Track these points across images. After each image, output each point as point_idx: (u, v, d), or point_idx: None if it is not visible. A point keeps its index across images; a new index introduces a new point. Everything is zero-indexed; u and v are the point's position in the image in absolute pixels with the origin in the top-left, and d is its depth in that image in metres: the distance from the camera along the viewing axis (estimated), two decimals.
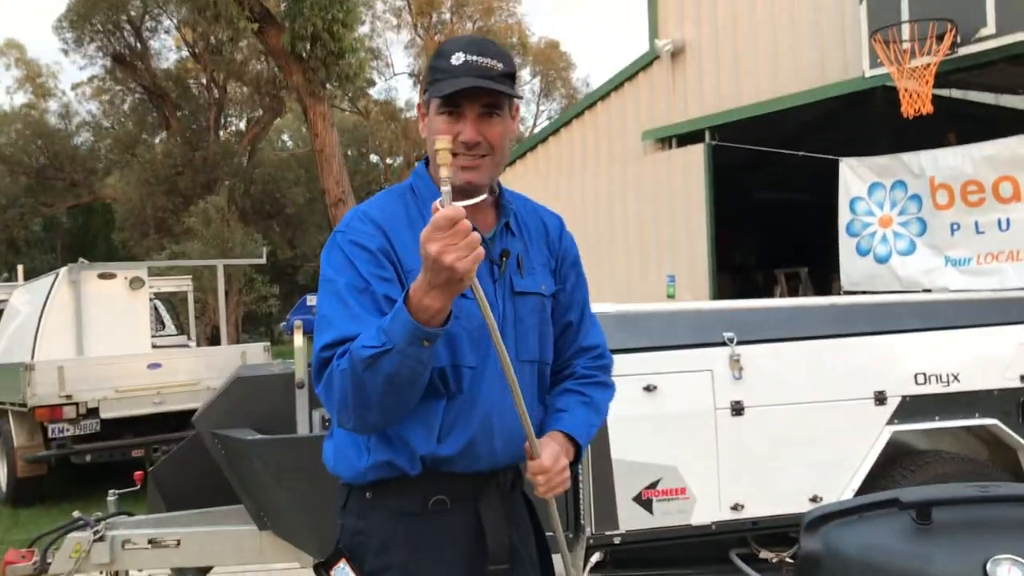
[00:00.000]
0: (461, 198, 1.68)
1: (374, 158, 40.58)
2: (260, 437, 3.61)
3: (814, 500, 3.70)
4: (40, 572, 3.83)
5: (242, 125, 34.26)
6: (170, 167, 28.61)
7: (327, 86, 18.14)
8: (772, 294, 13.78)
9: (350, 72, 17.68)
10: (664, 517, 3.61)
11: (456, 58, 1.81)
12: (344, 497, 1.94)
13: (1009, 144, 6.86)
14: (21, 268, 15.98)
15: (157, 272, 12.91)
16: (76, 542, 3.81)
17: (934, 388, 3.91)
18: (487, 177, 1.87)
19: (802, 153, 8.92)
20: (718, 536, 3.72)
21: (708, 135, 11.09)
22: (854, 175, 7.84)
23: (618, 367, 2.19)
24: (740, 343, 3.77)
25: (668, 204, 11.60)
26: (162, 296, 12.95)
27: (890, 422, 3.85)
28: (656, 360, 3.69)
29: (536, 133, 16.14)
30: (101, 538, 3.81)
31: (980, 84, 9.41)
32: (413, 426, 1.81)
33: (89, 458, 8.09)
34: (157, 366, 8.42)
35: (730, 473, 3.68)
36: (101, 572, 3.93)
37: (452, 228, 1.55)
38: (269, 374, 4.06)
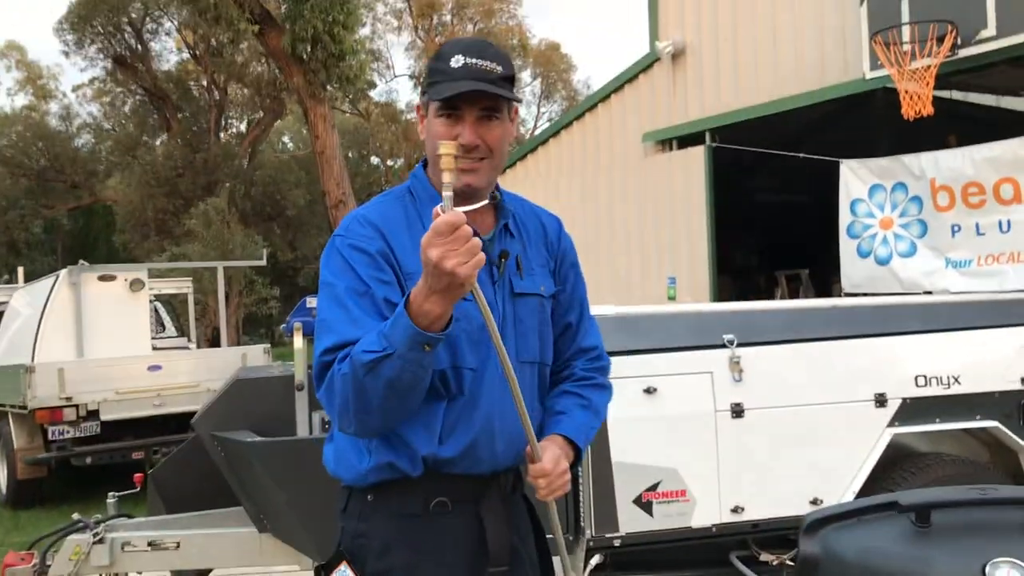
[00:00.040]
0: (460, 201, 1.68)
1: (375, 160, 40.63)
2: (260, 439, 3.61)
3: (815, 502, 3.69)
4: (40, 574, 3.84)
5: (243, 127, 34.30)
6: (171, 169, 28.65)
7: (328, 88, 18.13)
8: (773, 296, 13.78)
9: (351, 74, 17.67)
10: (664, 519, 3.60)
11: (455, 60, 1.80)
12: (344, 500, 1.94)
13: (1010, 146, 6.87)
14: (21, 270, 15.95)
15: (157, 274, 12.93)
16: (76, 544, 3.82)
17: (935, 390, 3.90)
18: (485, 180, 1.87)
19: (803, 155, 8.92)
20: (718, 538, 3.71)
21: (708, 137, 11.09)
22: (855, 177, 7.84)
23: (618, 369, 2.19)
24: (740, 345, 3.76)
25: (668, 206, 11.60)
26: (162, 298, 12.93)
27: (891, 424, 3.84)
28: (656, 362, 3.68)
29: (536, 135, 16.15)
30: (101, 540, 3.82)
31: (981, 86, 9.42)
32: (414, 428, 1.81)
33: (89, 460, 8.09)
34: (157, 368, 8.42)
35: (730, 475, 3.67)
36: (101, 574, 3.93)
37: (453, 234, 1.54)
38: (269, 376, 4.06)
